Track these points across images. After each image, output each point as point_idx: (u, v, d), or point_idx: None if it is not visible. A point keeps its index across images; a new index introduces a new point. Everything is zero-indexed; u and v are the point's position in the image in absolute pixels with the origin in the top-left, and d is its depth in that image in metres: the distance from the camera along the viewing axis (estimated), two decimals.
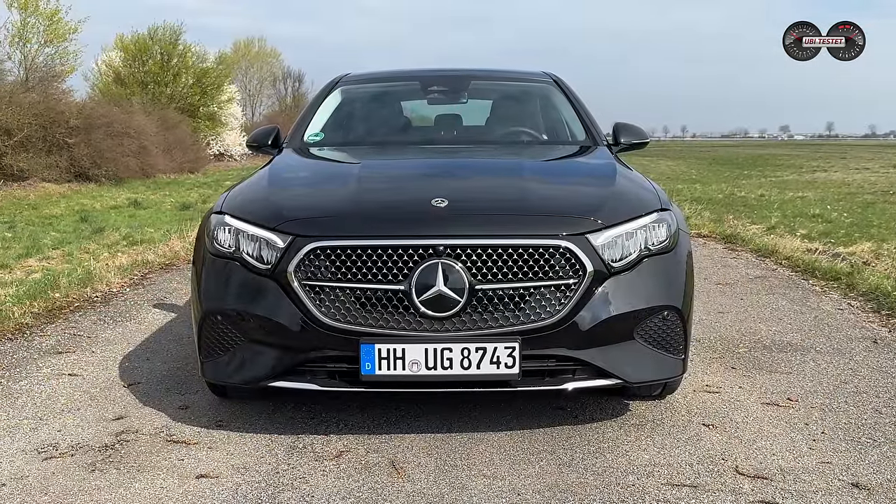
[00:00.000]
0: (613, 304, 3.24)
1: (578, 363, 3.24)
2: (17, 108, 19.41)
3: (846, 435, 3.45)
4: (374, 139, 5.03)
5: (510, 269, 3.14)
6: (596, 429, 3.53)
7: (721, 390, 4.03)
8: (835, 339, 5.01)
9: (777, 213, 13.19)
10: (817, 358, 4.58)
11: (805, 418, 3.65)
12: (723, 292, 6.53)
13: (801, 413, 3.72)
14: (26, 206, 15.06)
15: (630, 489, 2.94)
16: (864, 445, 3.34)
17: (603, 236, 3.25)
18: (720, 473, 3.07)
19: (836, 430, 3.50)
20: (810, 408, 3.78)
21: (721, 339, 5.00)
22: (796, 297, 6.33)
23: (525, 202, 3.45)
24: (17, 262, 7.85)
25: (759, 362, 4.51)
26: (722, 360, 4.56)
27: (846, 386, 4.09)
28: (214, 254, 3.46)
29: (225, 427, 3.56)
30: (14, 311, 5.43)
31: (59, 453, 3.25)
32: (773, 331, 5.22)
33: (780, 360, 4.54)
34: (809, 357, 4.60)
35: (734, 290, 6.61)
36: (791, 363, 4.49)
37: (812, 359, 4.57)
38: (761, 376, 4.26)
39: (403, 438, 3.42)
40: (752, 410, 3.75)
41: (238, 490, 2.94)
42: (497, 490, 2.94)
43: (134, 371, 4.36)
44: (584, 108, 5.02)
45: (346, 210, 3.45)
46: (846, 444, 3.35)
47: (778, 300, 6.20)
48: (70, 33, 26.24)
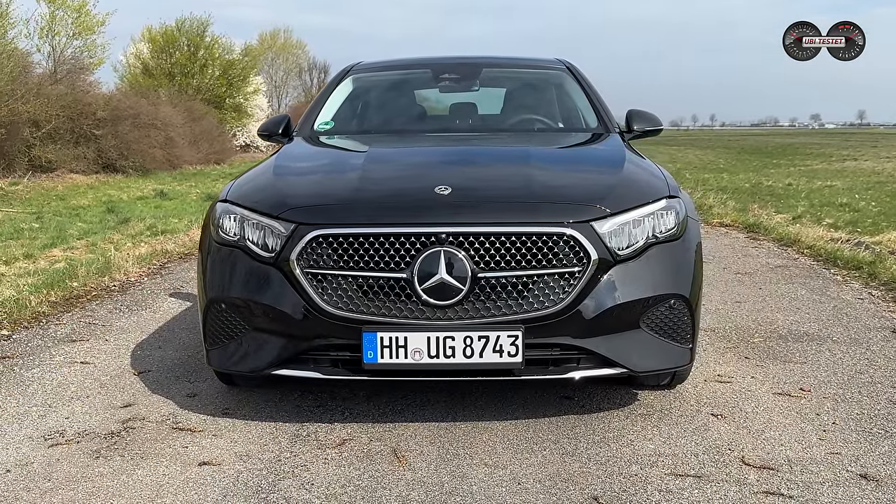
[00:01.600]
0: (619, 293, 3.20)
1: (583, 352, 3.20)
2: (44, 100, 19.55)
3: (857, 426, 3.38)
4: (385, 127, 5.01)
5: (513, 256, 3.10)
6: (602, 418, 3.50)
7: (733, 380, 3.97)
8: (852, 328, 4.92)
9: (804, 202, 13.01)
10: (833, 348, 4.50)
11: (816, 408, 3.58)
12: (741, 282, 6.44)
13: (812, 403, 3.65)
14: (54, 196, 15.24)
15: (632, 479, 2.91)
16: (875, 437, 3.27)
17: (608, 224, 3.21)
18: (726, 464, 3.03)
19: (847, 421, 3.44)
20: (823, 398, 3.72)
21: (736, 329, 4.93)
22: (816, 286, 6.22)
23: (529, 189, 3.41)
24: (41, 252, 7.94)
25: (774, 352, 4.44)
26: (736, 349, 4.50)
27: (861, 376, 4.02)
28: (219, 242, 3.46)
29: (231, 415, 3.56)
30: (31, 299, 5.49)
31: (66, 440, 3.28)
32: (790, 320, 5.14)
33: (795, 350, 4.46)
34: (825, 347, 4.53)
35: (753, 280, 6.52)
36: (806, 353, 4.41)
37: (828, 349, 4.49)
38: (775, 366, 4.19)
39: (407, 427, 3.40)
40: (763, 400, 3.69)
41: (239, 477, 2.94)
42: (497, 479, 2.92)
43: (145, 359, 4.38)
44: (596, 96, 4.96)
45: (349, 198, 3.42)
46: (857, 435, 3.28)
47: (797, 289, 6.11)
48: (98, 26, 26.35)
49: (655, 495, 2.79)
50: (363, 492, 2.83)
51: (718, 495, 2.78)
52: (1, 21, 20.55)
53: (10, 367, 4.23)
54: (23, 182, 17.16)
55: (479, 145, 4.57)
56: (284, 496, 2.81)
